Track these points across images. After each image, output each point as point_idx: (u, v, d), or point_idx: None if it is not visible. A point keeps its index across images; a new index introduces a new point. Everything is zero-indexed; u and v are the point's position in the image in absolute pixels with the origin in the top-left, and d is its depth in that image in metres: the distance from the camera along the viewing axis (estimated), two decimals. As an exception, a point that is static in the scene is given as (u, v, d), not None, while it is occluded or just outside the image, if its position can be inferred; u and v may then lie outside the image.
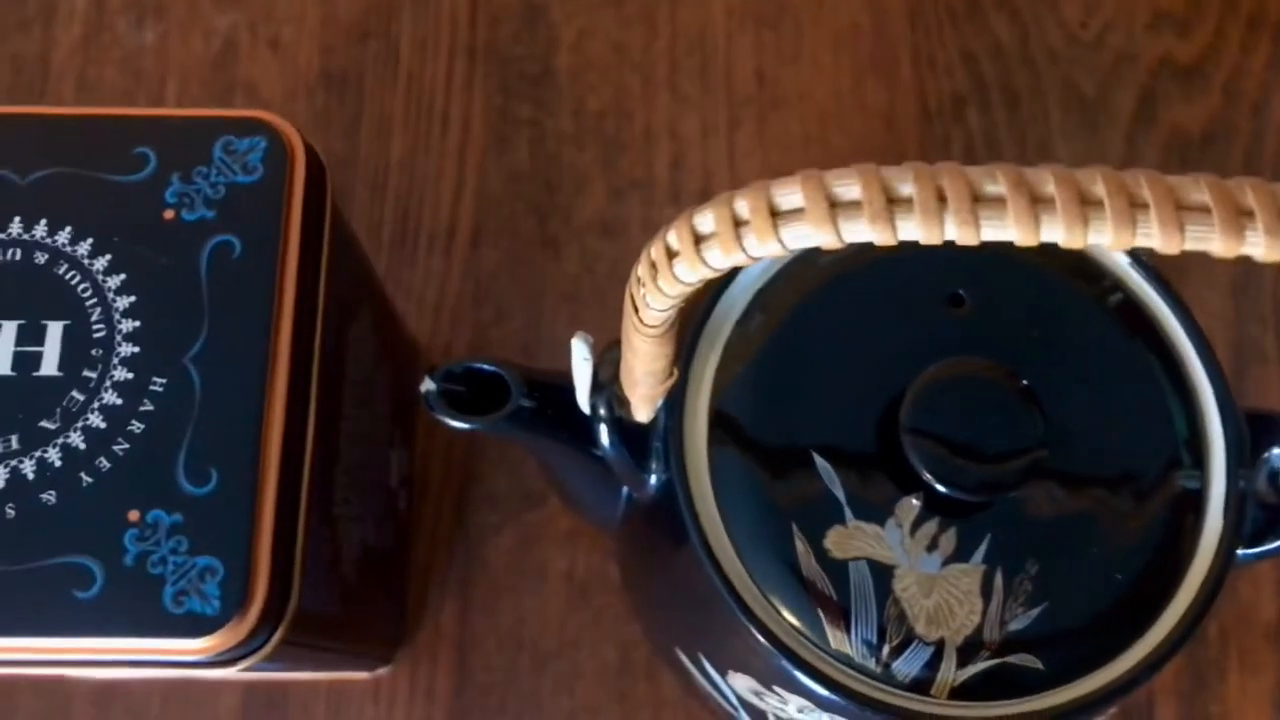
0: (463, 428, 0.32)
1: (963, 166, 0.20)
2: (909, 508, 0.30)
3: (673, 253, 0.23)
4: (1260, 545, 0.31)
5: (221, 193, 0.30)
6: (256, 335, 0.29)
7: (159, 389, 0.28)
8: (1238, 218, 0.19)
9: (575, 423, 0.32)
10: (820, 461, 0.30)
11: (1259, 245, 0.19)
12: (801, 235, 0.21)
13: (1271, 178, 0.25)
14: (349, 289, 0.35)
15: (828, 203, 0.20)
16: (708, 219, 0.22)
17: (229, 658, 0.27)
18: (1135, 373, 0.32)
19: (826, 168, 0.21)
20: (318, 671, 0.41)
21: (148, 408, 0.28)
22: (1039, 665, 0.29)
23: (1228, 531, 0.30)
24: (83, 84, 0.52)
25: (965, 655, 0.29)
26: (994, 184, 0.20)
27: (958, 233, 0.20)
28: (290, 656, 0.30)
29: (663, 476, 0.32)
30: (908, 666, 0.29)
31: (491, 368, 0.32)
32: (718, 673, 0.33)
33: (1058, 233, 0.20)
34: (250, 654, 0.28)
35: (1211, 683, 0.44)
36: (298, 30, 0.53)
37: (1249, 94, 0.52)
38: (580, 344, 0.29)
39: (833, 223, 0.20)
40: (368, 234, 0.50)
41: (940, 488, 0.29)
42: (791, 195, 0.21)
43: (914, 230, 0.20)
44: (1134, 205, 0.20)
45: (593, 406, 0.31)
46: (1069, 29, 0.53)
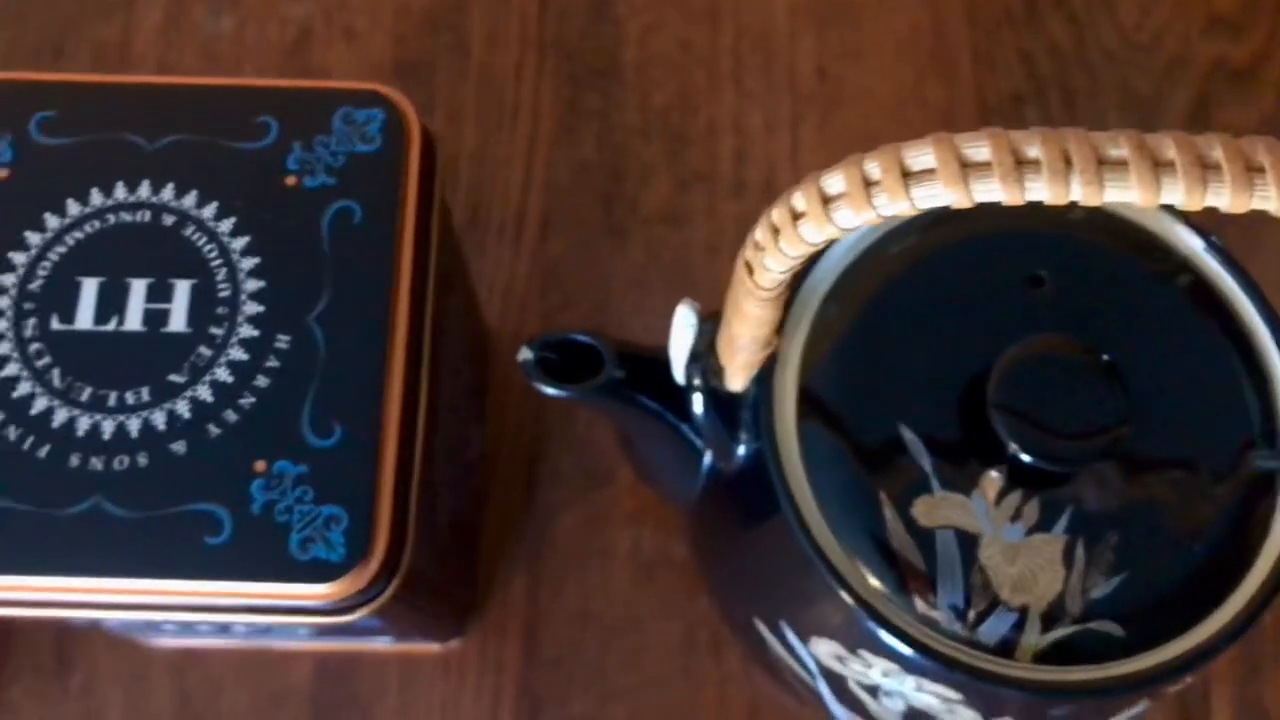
0: (559, 395, 0.33)
1: (1086, 131, 0.21)
2: (993, 480, 0.31)
3: (797, 214, 0.24)
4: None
5: (342, 161, 0.31)
6: (378, 297, 0.30)
7: (284, 346, 0.29)
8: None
9: (663, 393, 0.33)
10: (907, 433, 0.31)
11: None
12: (932, 194, 0.22)
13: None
14: (450, 262, 0.36)
15: (958, 163, 0.21)
16: (837, 180, 0.23)
17: (349, 604, 0.28)
18: (1209, 352, 0.32)
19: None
20: (399, 641, 0.42)
21: (273, 364, 0.29)
22: (1120, 632, 0.30)
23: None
24: (162, 70, 0.53)
25: (1049, 621, 0.30)
26: (1117, 148, 0.21)
27: (1083, 193, 0.21)
28: (393, 613, 0.31)
29: (752, 446, 0.33)
30: (993, 631, 0.30)
31: (586, 339, 0.33)
32: (799, 640, 0.34)
33: (1177, 194, 0.21)
34: (368, 602, 0.29)
35: (1267, 671, 0.45)
36: (371, 20, 0.54)
37: (1302, 97, 0.53)
38: (688, 310, 0.30)
39: (964, 182, 0.21)
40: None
41: (1026, 458, 0.30)
42: (923, 156, 0.22)
43: (1041, 190, 0.21)
44: (1250, 169, 0.21)
45: (688, 375, 0.33)
46: (1124, 31, 0.54)
